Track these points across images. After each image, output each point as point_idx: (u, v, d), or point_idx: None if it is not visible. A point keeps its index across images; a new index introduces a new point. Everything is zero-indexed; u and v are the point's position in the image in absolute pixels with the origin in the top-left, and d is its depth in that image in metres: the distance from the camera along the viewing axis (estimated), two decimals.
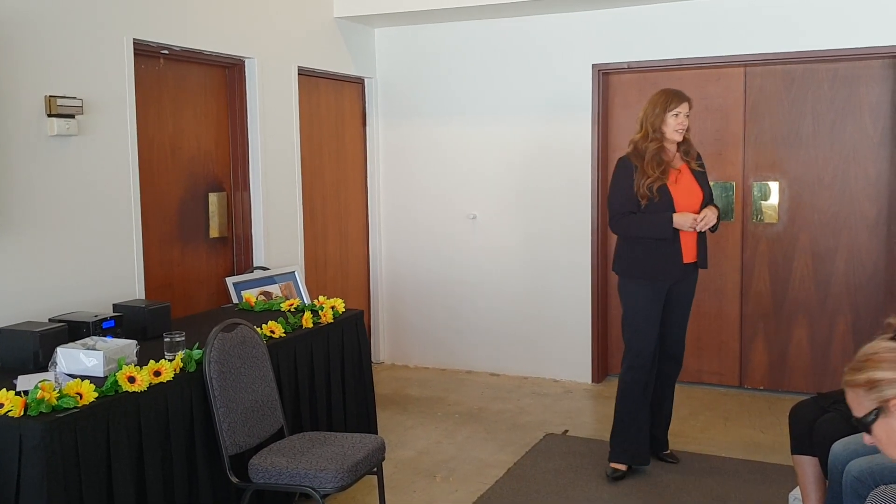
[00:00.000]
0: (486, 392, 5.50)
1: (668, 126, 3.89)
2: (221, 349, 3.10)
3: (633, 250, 3.96)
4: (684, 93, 3.97)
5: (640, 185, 3.84)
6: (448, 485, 3.98)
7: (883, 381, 1.68)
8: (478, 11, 5.47)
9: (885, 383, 1.67)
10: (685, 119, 3.91)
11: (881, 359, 1.70)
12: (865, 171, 5.10)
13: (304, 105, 5.37)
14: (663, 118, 3.89)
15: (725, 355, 5.49)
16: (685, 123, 3.91)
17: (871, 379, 1.70)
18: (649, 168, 3.85)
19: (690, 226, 3.85)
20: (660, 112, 3.89)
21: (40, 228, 3.56)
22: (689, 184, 3.97)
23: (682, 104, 3.90)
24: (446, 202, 5.97)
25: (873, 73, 5.04)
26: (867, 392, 1.70)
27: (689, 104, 3.94)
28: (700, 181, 4.01)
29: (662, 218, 3.84)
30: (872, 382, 1.69)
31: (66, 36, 3.66)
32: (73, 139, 3.69)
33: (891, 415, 1.68)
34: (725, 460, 4.21)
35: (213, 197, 4.70)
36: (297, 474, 2.94)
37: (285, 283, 4.86)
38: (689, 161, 4.01)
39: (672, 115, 3.88)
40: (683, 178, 3.96)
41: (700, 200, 3.97)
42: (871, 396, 1.70)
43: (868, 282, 5.14)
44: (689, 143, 4.01)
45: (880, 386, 1.68)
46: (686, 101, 3.92)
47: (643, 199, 3.85)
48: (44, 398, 2.55)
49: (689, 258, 3.97)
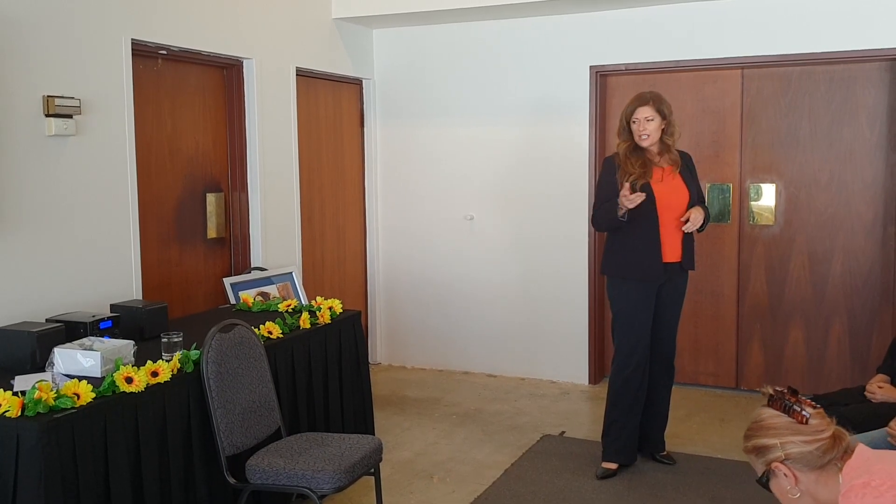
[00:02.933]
0: (483, 393, 5.50)
1: (634, 132, 3.91)
2: (219, 350, 3.10)
3: (614, 250, 3.98)
4: (647, 94, 3.92)
5: (624, 182, 3.83)
6: (445, 486, 3.98)
7: (765, 447, 1.86)
8: (476, 13, 5.48)
9: (767, 449, 1.86)
10: (646, 123, 3.85)
11: (761, 426, 1.89)
12: (862, 174, 5.11)
13: (302, 106, 5.37)
14: (626, 125, 3.93)
15: (722, 357, 5.50)
16: (647, 128, 3.86)
17: (757, 446, 1.88)
18: (628, 165, 3.87)
19: (626, 202, 3.69)
20: (624, 120, 3.94)
21: (38, 228, 3.56)
22: (675, 183, 3.95)
23: (637, 109, 3.86)
24: (444, 203, 5.98)
25: (870, 76, 5.05)
26: (756, 457, 1.89)
27: (653, 105, 3.86)
28: (687, 181, 4.00)
29: (612, 202, 3.81)
30: (758, 449, 1.88)
31: (64, 36, 3.66)
32: (70, 139, 3.69)
33: (777, 476, 1.86)
34: (721, 462, 4.22)
35: (210, 197, 4.70)
36: (294, 475, 2.94)
37: (283, 283, 4.86)
38: (677, 161, 4.00)
39: (631, 122, 3.90)
40: (669, 178, 3.95)
41: (686, 200, 3.96)
42: (760, 461, 1.89)
43: (864, 284, 5.15)
44: (670, 148, 3.96)
45: (764, 451, 1.87)
46: (645, 104, 3.86)
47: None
48: (41, 398, 2.55)
49: (672, 258, 3.95)
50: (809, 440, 1.82)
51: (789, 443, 1.83)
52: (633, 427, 4.04)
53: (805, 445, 1.82)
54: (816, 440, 1.82)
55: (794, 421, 1.85)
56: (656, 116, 3.87)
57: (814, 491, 1.84)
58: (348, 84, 5.93)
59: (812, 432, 1.83)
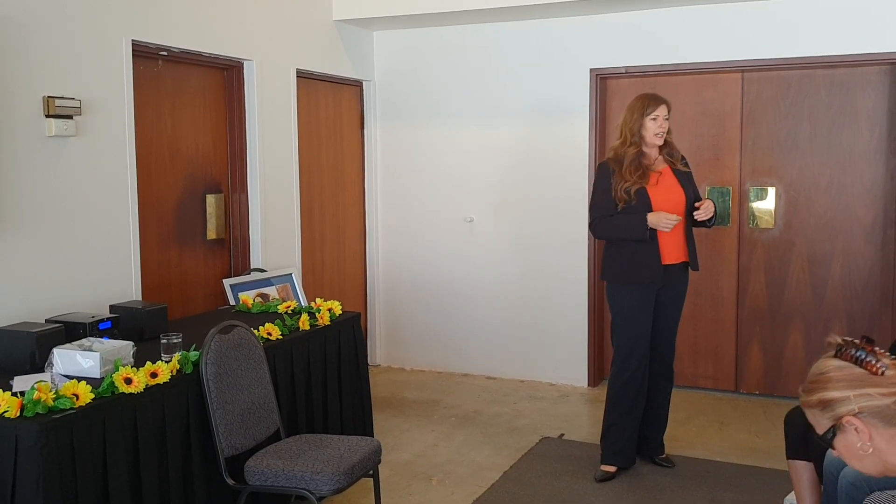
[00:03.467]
0: (482, 395, 5.50)
1: (648, 130, 3.90)
2: (218, 351, 3.10)
3: (614, 254, 3.98)
4: (661, 96, 3.97)
5: (618, 188, 3.86)
6: (444, 488, 3.98)
7: (834, 401, 1.72)
8: (477, 15, 5.49)
9: (837, 402, 1.72)
10: (664, 122, 3.91)
11: (829, 378, 1.75)
12: (861, 177, 5.12)
13: (303, 107, 5.37)
14: (642, 122, 3.90)
15: (721, 360, 5.50)
16: (665, 126, 3.92)
17: (823, 399, 1.74)
18: (627, 173, 3.87)
19: (664, 225, 3.83)
20: (638, 117, 3.91)
21: (38, 229, 3.56)
22: (672, 185, 3.97)
23: (660, 107, 3.91)
24: (443, 205, 5.98)
25: (870, 80, 5.05)
26: (822, 412, 1.75)
27: (668, 106, 3.94)
28: (683, 182, 4.01)
29: (637, 218, 3.84)
30: (824, 402, 1.74)
31: (64, 37, 3.66)
32: (71, 140, 3.69)
33: (846, 431, 1.72)
34: (721, 465, 4.21)
35: (210, 198, 4.70)
36: (293, 476, 2.94)
37: (282, 285, 4.86)
38: (674, 163, 4.01)
39: (650, 119, 3.90)
40: (665, 181, 3.96)
41: (683, 202, 3.97)
42: (826, 415, 1.75)
43: (864, 287, 5.15)
44: (671, 145, 4.02)
45: (832, 405, 1.73)
46: (663, 103, 3.92)
47: (620, 203, 3.87)
48: (40, 399, 2.54)
49: (673, 259, 3.96)
50: (887, 392, 1.67)
51: (864, 395, 1.69)
52: (633, 430, 4.04)
53: (882, 398, 1.67)
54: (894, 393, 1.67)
55: (868, 372, 1.70)
56: (669, 115, 3.94)
57: (885, 450, 1.70)
58: (348, 86, 5.93)
59: (890, 384, 1.68)
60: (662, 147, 3.98)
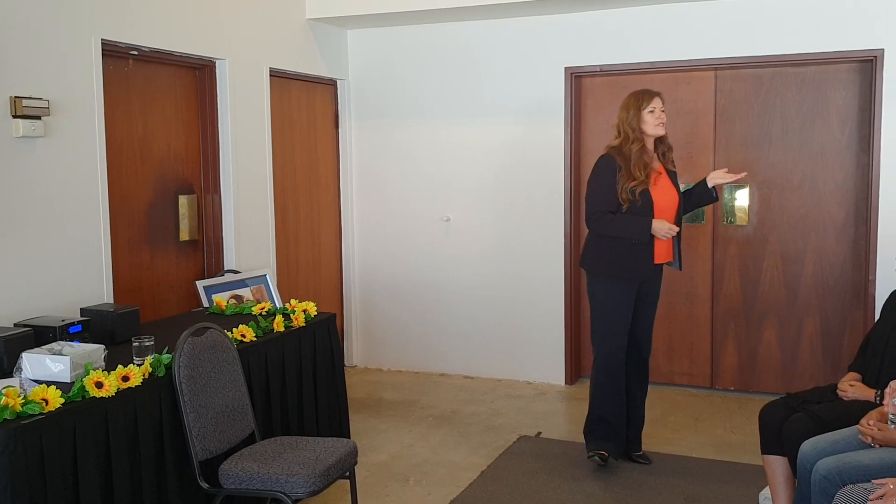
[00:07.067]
0: (459, 395, 5.49)
1: (648, 124, 3.92)
2: (191, 353, 3.07)
3: (604, 249, 3.98)
4: (652, 89, 4.02)
5: (624, 188, 3.86)
6: (421, 488, 3.97)
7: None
8: (451, 14, 5.48)
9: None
10: (661, 113, 3.95)
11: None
12: (833, 174, 5.17)
13: (276, 107, 5.33)
14: (640, 117, 3.92)
15: (696, 356, 5.53)
16: (663, 117, 3.96)
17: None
18: (636, 170, 3.87)
19: (665, 234, 3.87)
20: (635, 113, 3.93)
21: (5, 231, 3.50)
22: (667, 185, 4.01)
23: (654, 99, 3.95)
24: (420, 204, 5.96)
25: (841, 78, 5.10)
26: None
27: (661, 98, 3.98)
28: (675, 182, 4.06)
29: (642, 221, 3.87)
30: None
31: (32, 36, 3.60)
32: (39, 141, 3.63)
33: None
34: (697, 461, 4.24)
35: (182, 199, 4.65)
36: (268, 479, 2.91)
37: (257, 286, 4.82)
38: (666, 162, 4.04)
39: (648, 112, 3.92)
40: (661, 180, 3.99)
41: (677, 202, 4.01)
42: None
43: (836, 283, 5.21)
44: (667, 143, 4.05)
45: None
46: (657, 95, 3.97)
47: (625, 203, 3.87)
48: (8, 405, 2.50)
49: (663, 259, 4.02)
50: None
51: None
52: (618, 421, 4.06)
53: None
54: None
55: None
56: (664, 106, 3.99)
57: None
58: (322, 85, 5.90)
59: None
60: (658, 145, 4.01)
